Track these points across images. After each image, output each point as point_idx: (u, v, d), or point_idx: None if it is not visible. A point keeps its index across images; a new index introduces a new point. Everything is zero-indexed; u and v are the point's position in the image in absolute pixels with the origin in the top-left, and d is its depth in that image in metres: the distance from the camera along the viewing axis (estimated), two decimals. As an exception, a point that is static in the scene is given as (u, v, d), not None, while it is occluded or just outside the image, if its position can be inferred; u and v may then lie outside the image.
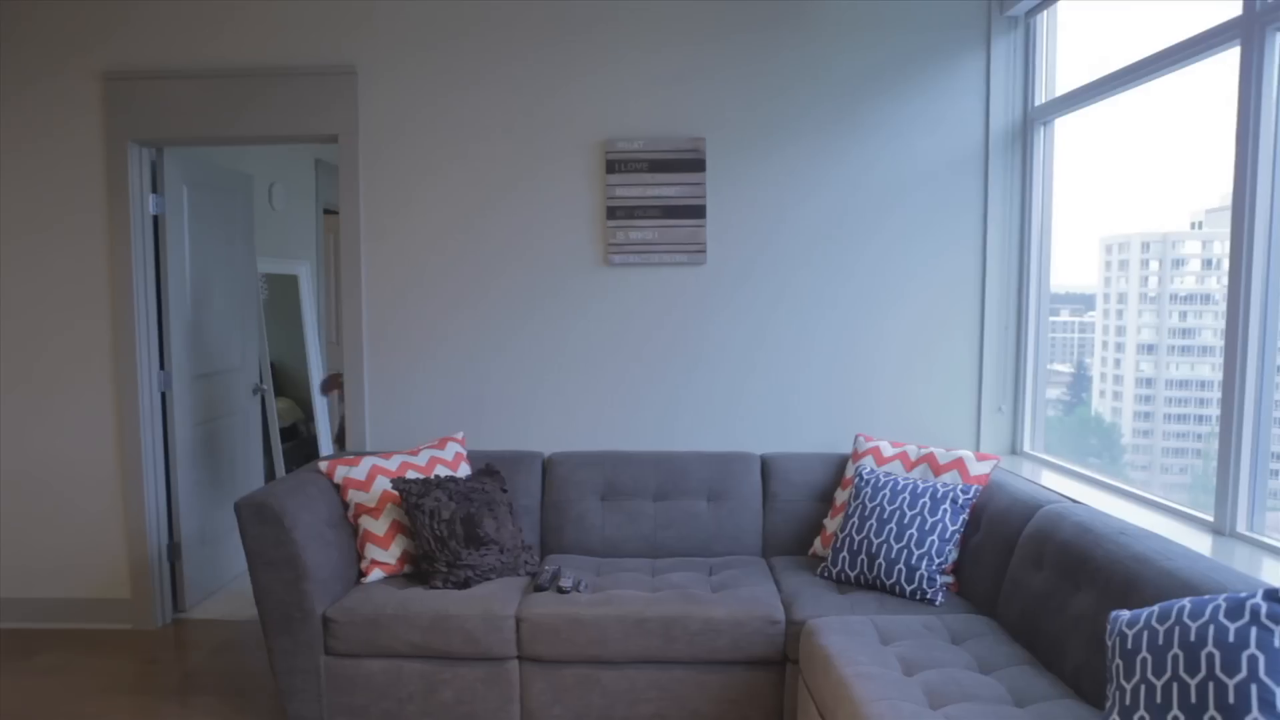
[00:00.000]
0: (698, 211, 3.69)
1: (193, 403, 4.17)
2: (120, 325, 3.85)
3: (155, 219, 3.97)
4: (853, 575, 2.97)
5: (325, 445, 6.00)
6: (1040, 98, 3.60)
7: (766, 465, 3.51)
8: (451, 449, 3.41)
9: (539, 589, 2.98)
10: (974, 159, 3.67)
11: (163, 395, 4.01)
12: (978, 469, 3.09)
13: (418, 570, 3.14)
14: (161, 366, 4.00)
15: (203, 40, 3.77)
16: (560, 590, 2.93)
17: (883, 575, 2.90)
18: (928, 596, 2.85)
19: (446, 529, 3.02)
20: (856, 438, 3.40)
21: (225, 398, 4.47)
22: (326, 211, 6.39)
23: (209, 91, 3.76)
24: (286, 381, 6.03)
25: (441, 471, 3.31)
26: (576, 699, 2.86)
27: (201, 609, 4.17)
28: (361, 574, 3.13)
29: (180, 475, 4.06)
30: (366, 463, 3.23)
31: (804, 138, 3.66)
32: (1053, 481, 3.22)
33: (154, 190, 3.96)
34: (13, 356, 3.94)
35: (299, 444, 5.91)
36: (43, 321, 3.91)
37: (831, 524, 3.28)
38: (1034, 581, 2.54)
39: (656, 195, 3.69)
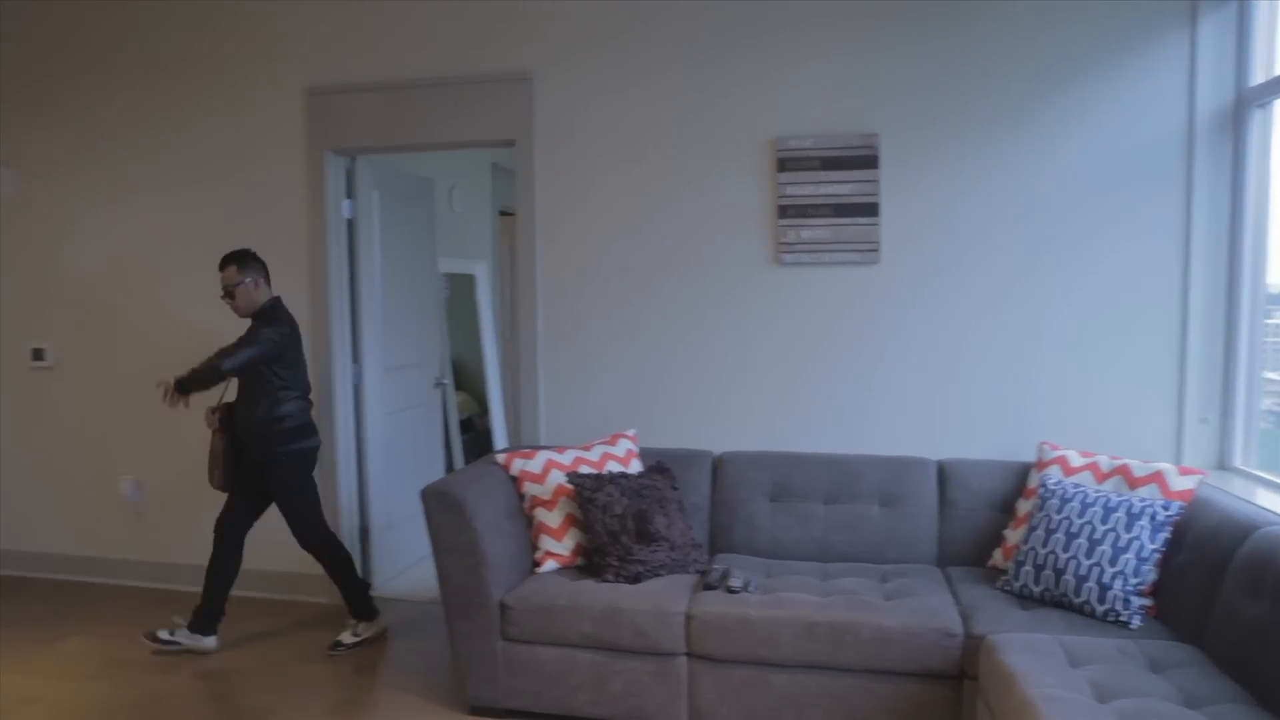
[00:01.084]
0: (870, 209, 3.60)
1: (383, 395, 4.44)
2: (319, 322, 4.15)
3: (349, 223, 4.24)
4: (1037, 591, 2.82)
5: (500, 438, 6.25)
6: (1257, 77, 3.29)
7: (943, 471, 3.39)
8: (623, 445, 3.48)
9: (708, 588, 2.99)
10: (1175, 145, 3.39)
11: (355, 388, 4.29)
12: (1180, 484, 2.86)
13: (590, 563, 3.22)
14: (355, 360, 4.28)
15: (391, 56, 4.01)
16: (730, 590, 2.93)
17: (1070, 593, 2.74)
18: (1121, 619, 2.67)
19: (618, 524, 3.08)
20: (1041, 445, 3.23)
21: (409, 391, 4.73)
22: (502, 213, 6.65)
23: (396, 103, 3.99)
24: (464, 376, 6.32)
25: (613, 467, 3.38)
26: (744, 700, 2.86)
27: (388, 588, 4.43)
28: (536, 564, 3.24)
29: (371, 463, 4.33)
30: (542, 456, 3.34)
31: (984, 127, 3.50)
32: (1270, 501, 2.94)
33: (348, 196, 4.23)
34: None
35: (474, 436, 6.19)
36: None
37: (1013, 535, 3.13)
38: (1251, 610, 2.33)
39: (828, 193, 3.63)
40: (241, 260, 3.62)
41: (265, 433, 3.56)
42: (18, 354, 4.69)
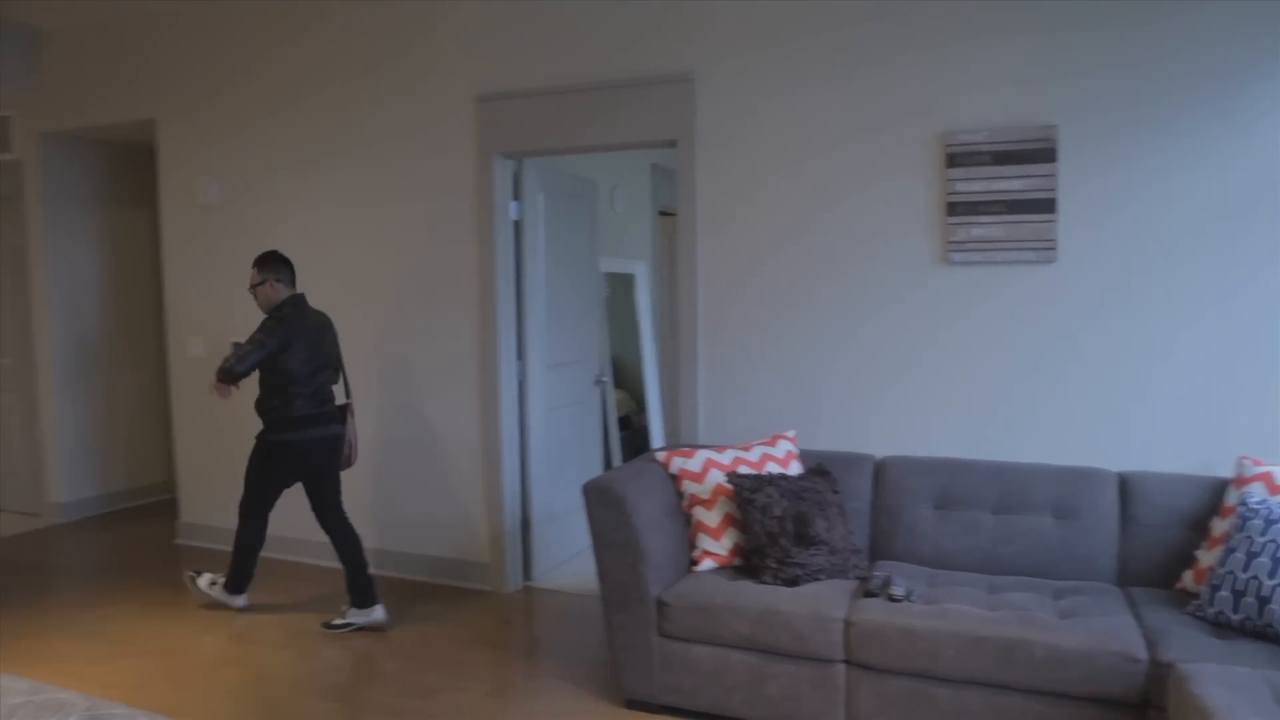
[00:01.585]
0: (1047, 205, 3.41)
1: (545, 391, 4.58)
2: (486, 317, 4.32)
3: (515, 224, 4.39)
4: (1235, 619, 2.60)
5: (657, 436, 6.32)
6: None
7: (1125, 484, 3.18)
8: (783, 446, 3.45)
9: (869, 595, 2.92)
10: None
11: (519, 383, 4.44)
12: None
13: (747, 564, 3.21)
14: (519, 357, 4.43)
15: (555, 62, 4.12)
16: (891, 598, 2.85)
17: (1277, 624, 2.51)
18: (1335, 653, 2.43)
19: (778, 525, 3.06)
20: (1241, 460, 2.97)
21: (570, 387, 4.85)
22: (662, 213, 6.72)
23: (561, 106, 4.10)
24: (623, 374, 6.42)
25: (773, 468, 3.35)
26: (904, 712, 2.77)
27: (547, 579, 4.57)
28: (693, 562, 3.25)
29: (533, 456, 4.48)
30: (701, 455, 3.36)
31: (1179, 117, 3.25)
32: None
33: (515, 198, 4.38)
34: (407, 343, 4.57)
35: (631, 434, 6.28)
36: (426, 313, 4.49)
37: (1207, 557, 2.89)
38: None
39: (1001, 189, 3.47)
40: (263, 262, 3.94)
41: (261, 415, 3.90)
42: (220, 349, 5.12)
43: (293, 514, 4.98)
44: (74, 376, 5.93)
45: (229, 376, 3.73)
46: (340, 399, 4.11)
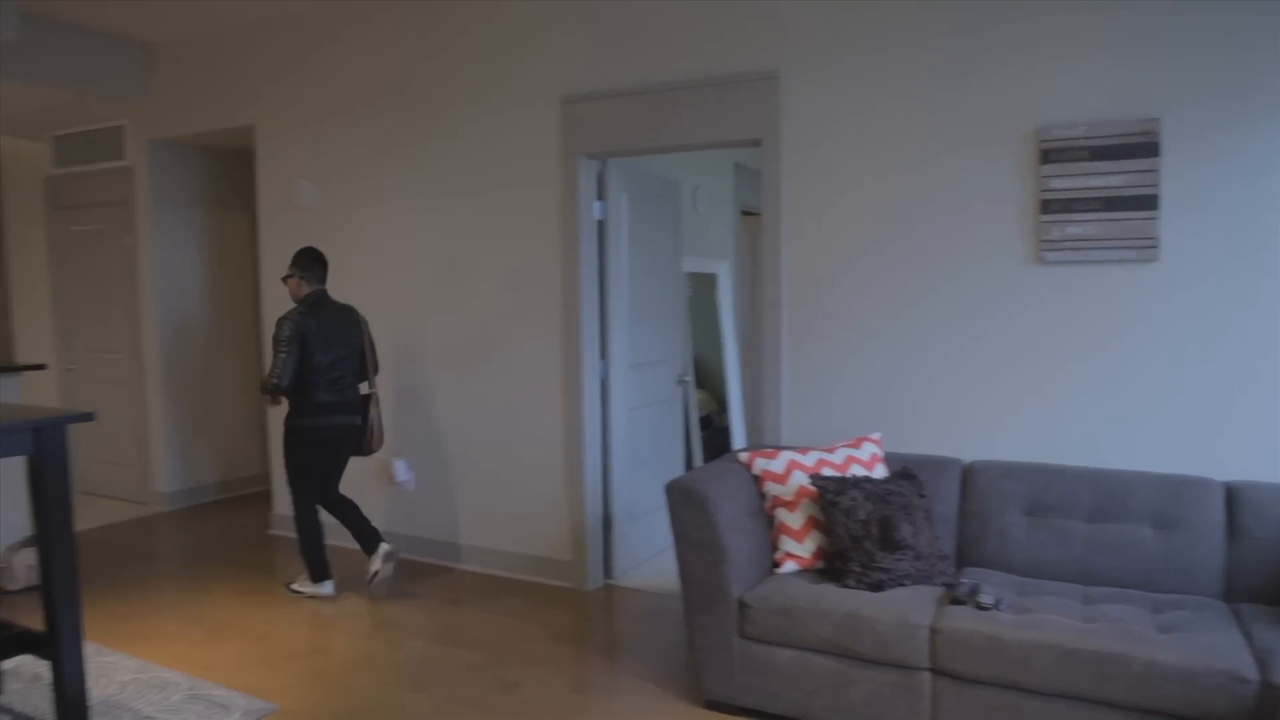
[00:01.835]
0: (1148, 202, 3.28)
1: (627, 390, 4.60)
2: (570, 317, 4.36)
3: (599, 223, 4.42)
4: (1353, 637, 2.46)
5: (738, 436, 6.29)
6: None
7: (1233, 494, 3.03)
8: (868, 449, 3.39)
9: (956, 602, 2.85)
10: None
11: (602, 382, 4.47)
12: None
13: (830, 567, 3.17)
14: (602, 356, 4.46)
15: (639, 62, 4.13)
16: (980, 606, 2.78)
17: (1398, 643, 2.37)
18: None
19: (862, 529, 3.01)
20: (1361, 471, 2.81)
21: (652, 387, 4.86)
22: (744, 213, 6.68)
23: (644, 107, 4.11)
24: (704, 374, 6.41)
25: (857, 471, 3.30)
26: (993, 724, 2.70)
27: (627, 578, 4.59)
28: (775, 564, 3.23)
29: (615, 455, 4.50)
30: (784, 457, 3.33)
31: (1297, 111, 3.08)
32: None
33: (599, 198, 4.41)
34: (491, 341, 4.64)
35: (712, 434, 6.27)
36: (510, 312, 4.56)
37: (1322, 572, 2.74)
38: None
39: (1099, 186, 3.35)
40: (296, 259, 4.35)
41: (289, 404, 4.28)
42: (313, 344, 5.29)
43: (379, 510, 5.11)
44: (177, 372, 6.21)
45: (275, 390, 4.16)
46: (356, 391, 4.46)
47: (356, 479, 5.18)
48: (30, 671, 3.54)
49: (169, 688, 3.37)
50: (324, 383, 4.21)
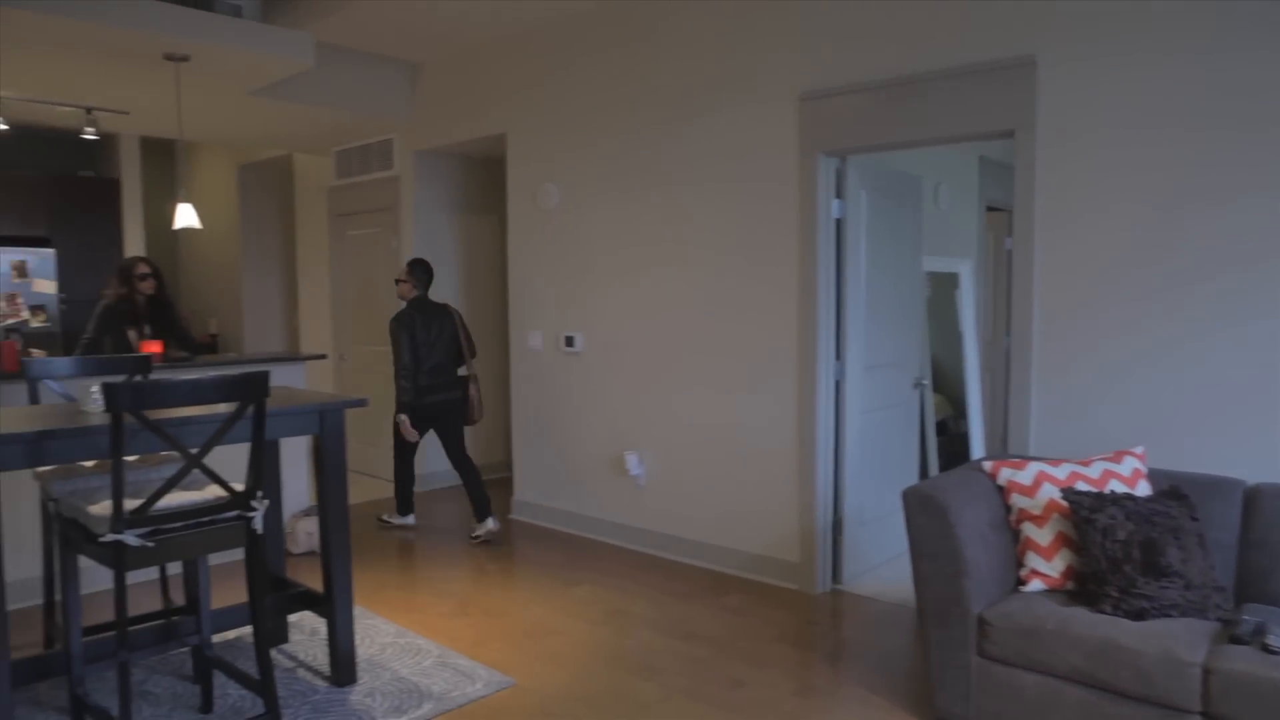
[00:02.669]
0: None
1: (862, 392, 4.48)
2: (805, 316, 4.31)
3: (837, 222, 4.33)
4: None
5: (977, 444, 5.97)
6: None
7: None
8: (1129, 464, 3.10)
9: (1236, 641, 2.54)
10: None
11: (837, 383, 4.38)
12: None
13: (1083, 589, 2.92)
14: (838, 357, 4.37)
15: (880, 54, 4.00)
16: (1267, 649, 2.46)
17: None
18: None
19: (1121, 551, 2.76)
20: None
21: (887, 390, 4.71)
22: (989, 209, 6.32)
23: (885, 101, 3.98)
24: (940, 377, 6.13)
25: (1116, 487, 3.03)
26: (1280, 781, 2.39)
27: (856, 583, 4.47)
28: (1020, 581, 3.03)
29: (847, 458, 4.40)
30: (1033, 468, 3.11)
31: None
32: None
33: (837, 196, 4.32)
34: (724, 334, 4.68)
35: (948, 440, 5.98)
36: (744, 310, 4.57)
37: None
38: None
39: None
40: (409, 266, 5.38)
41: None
42: (555, 341, 5.57)
43: (612, 501, 5.29)
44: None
45: (409, 408, 5.21)
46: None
47: (591, 469, 5.39)
48: (310, 626, 3.96)
49: (421, 653, 3.65)
50: (425, 370, 5.20)
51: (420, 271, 5.38)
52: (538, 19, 5.35)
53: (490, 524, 5.29)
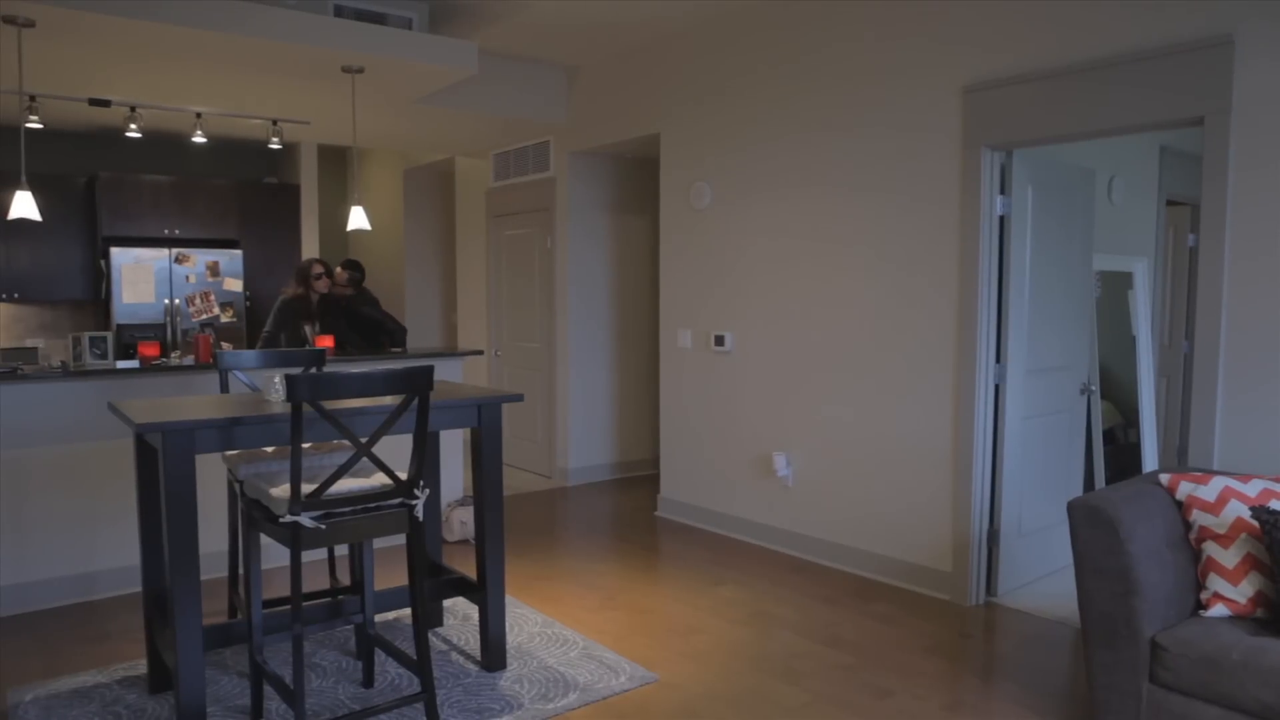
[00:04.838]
0: None
1: (1023, 397, 4.27)
2: (965, 317, 4.14)
3: (1000, 219, 4.14)
4: None
5: (1149, 456, 5.57)
6: None
7: None
8: (1331, 483, 2.82)
9: None
10: None
11: (996, 387, 4.19)
12: None
13: (1274, 618, 2.68)
14: (998, 359, 4.18)
15: (1050, 41, 3.78)
16: None
17: None
18: None
19: (1322, 578, 2.51)
20: None
21: (1051, 395, 4.46)
22: (1169, 203, 5.89)
23: (1056, 91, 3.77)
24: (1108, 383, 5.76)
25: (1315, 508, 2.76)
26: None
27: (1011, 597, 4.26)
28: (1200, 605, 2.81)
29: (1005, 465, 4.20)
30: (1217, 482, 2.88)
31: None
32: None
33: (1001, 191, 4.13)
34: (878, 334, 4.56)
35: (1115, 450, 5.61)
36: (898, 310, 4.44)
37: None
38: None
39: None
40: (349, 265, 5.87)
41: None
42: (705, 340, 5.57)
43: (758, 502, 5.25)
44: (584, 360, 6.88)
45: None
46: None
47: (738, 469, 5.36)
48: (462, 612, 4.12)
49: (567, 644, 3.74)
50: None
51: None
52: (692, 18, 5.37)
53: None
